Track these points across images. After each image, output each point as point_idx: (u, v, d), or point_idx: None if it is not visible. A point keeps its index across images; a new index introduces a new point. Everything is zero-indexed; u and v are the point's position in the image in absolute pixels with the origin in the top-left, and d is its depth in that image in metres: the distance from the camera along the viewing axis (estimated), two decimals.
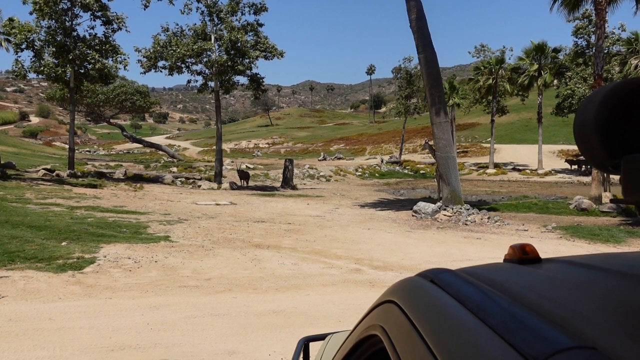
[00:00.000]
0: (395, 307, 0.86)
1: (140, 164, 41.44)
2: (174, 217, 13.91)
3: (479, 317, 0.63)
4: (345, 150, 62.10)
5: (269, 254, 9.69)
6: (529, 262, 0.86)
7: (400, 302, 0.86)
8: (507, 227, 13.83)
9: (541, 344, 0.51)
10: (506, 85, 37.59)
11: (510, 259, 0.90)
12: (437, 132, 15.59)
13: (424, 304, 0.80)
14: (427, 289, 0.84)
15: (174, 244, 10.22)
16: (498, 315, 0.61)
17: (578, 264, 0.82)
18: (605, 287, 0.70)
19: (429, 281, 0.87)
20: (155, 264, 8.56)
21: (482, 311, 0.64)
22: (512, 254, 0.89)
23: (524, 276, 0.79)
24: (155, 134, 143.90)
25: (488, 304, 0.66)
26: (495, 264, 0.91)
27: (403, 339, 0.76)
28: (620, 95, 0.68)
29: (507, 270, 0.85)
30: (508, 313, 0.61)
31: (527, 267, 0.84)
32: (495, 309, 0.64)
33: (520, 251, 0.88)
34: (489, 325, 0.60)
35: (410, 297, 0.85)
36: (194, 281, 7.65)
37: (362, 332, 1.04)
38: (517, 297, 0.68)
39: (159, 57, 24.13)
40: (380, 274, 8.52)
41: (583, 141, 0.73)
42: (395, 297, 0.90)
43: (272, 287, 7.50)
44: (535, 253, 0.88)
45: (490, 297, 0.68)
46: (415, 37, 15.45)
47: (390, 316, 0.87)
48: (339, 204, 19.28)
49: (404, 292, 0.90)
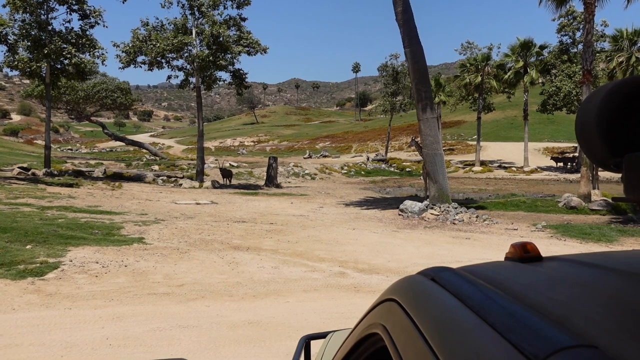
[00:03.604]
0: (396, 306, 0.86)
1: (121, 162, 40.56)
2: (151, 218, 13.29)
3: (480, 315, 0.63)
4: (331, 148, 61.68)
5: (248, 256, 9.16)
6: (530, 261, 0.85)
7: (402, 300, 0.86)
8: (496, 226, 13.44)
9: (542, 342, 0.51)
10: (492, 82, 37.38)
11: (511, 257, 0.88)
12: (424, 129, 15.15)
13: (425, 302, 0.80)
14: (428, 287, 0.84)
15: (147, 247, 9.63)
16: (499, 314, 0.61)
17: (579, 262, 0.81)
18: (606, 286, 0.68)
19: (430, 279, 0.86)
20: (125, 268, 7.98)
21: (483, 309, 0.64)
22: (513, 252, 0.88)
23: (525, 275, 0.79)
24: (140, 132, 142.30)
25: (489, 302, 0.66)
26: (496, 262, 0.90)
27: (404, 338, 0.76)
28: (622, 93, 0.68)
29: (508, 268, 0.84)
30: (509, 311, 0.61)
31: (528, 266, 0.83)
32: (496, 308, 0.63)
33: (522, 249, 0.86)
34: (489, 323, 0.60)
35: (411, 296, 0.85)
36: (165, 287, 7.09)
37: (363, 330, 1.03)
38: (518, 296, 0.68)
39: (138, 52, 23.34)
40: (366, 277, 8.03)
41: (585, 139, 0.74)
42: (397, 296, 0.89)
43: (250, 294, 6.97)
44: (536, 251, 0.87)
45: (491, 296, 0.68)
46: (401, 31, 14.98)
47: (392, 314, 0.87)
48: (323, 203, 18.78)
49: (405, 290, 0.89)
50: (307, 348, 1.88)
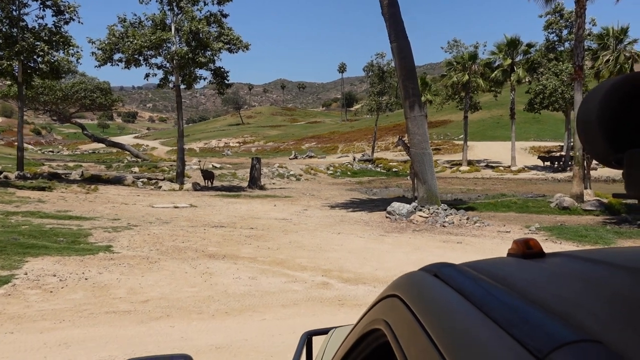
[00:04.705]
0: (398, 301, 0.85)
1: (102, 164, 39.46)
2: (123, 223, 12.48)
3: (483, 310, 0.63)
4: (317, 149, 61.02)
5: (224, 265, 8.42)
6: (532, 257, 0.84)
7: (404, 296, 0.85)
8: (487, 229, 12.84)
9: (546, 337, 0.51)
10: (479, 81, 36.95)
11: (513, 253, 0.87)
12: (412, 127, 14.52)
13: (427, 298, 0.79)
14: (430, 283, 0.84)
15: (114, 256, 8.85)
16: (502, 309, 0.61)
17: (582, 258, 0.80)
18: (610, 281, 0.68)
19: (433, 275, 0.86)
20: (85, 282, 7.20)
21: (486, 305, 0.63)
22: (515, 248, 0.87)
23: (528, 270, 0.78)
24: (124, 133, 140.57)
25: (492, 298, 0.65)
26: (499, 258, 0.89)
27: (407, 333, 0.75)
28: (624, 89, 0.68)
29: (510, 264, 0.83)
30: (512, 307, 0.61)
31: (531, 262, 0.82)
32: (498, 303, 0.63)
33: (524, 245, 0.85)
34: (492, 319, 0.59)
35: (413, 291, 0.84)
36: (127, 304, 6.33)
37: (366, 326, 1.01)
38: (520, 291, 0.67)
39: (114, 50, 22.41)
40: (351, 288, 7.35)
41: (586, 135, 0.73)
42: (399, 291, 0.88)
43: (221, 310, 6.25)
44: (539, 247, 0.85)
45: (494, 291, 0.67)
46: (388, 25, 14.33)
47: (394, 310, 0.86)
48: (308, 205, 18.07)
49: (408, 286, 0.89)
50: (308, 344, 1.85)
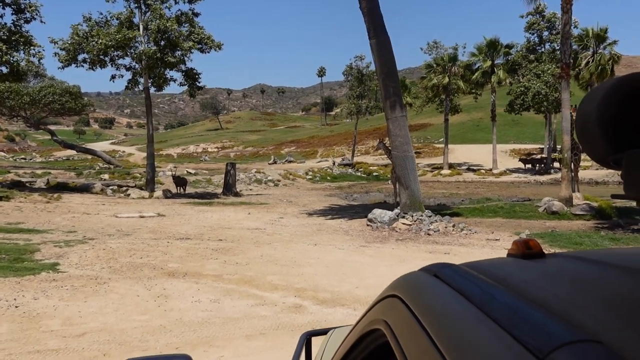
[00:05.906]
0: (398, 302, 0.85)
1: (72, 172, 37.88)
2: (79, 236, 11.34)
3: (483, 311, 0.63)
4: (297, 153, 60.01)
5: (183, 286, 7.39)
6: (532, 257, 0.84)
7: (404, 296, 0.85)
8: (475, 237, 12.00)
9: (546, 337, 0.51)
10: (460, 83, 36.42)
11: (513, 253, 0.87)
12: (393, 129, 13.64)
13: (427, 298, 0.79)
14: (430, 283, 0.83)
15: (58, 276, 7.75)
16: (502, 309, 0.61)
17: (583, 259, 0.80)
18: (610, 282, 0.68)
19: (433, 275, 0.86)
20: (14, 310, 6.11)
21: (486, 305, 0.64)
22: (515, 248, 0.87)
23: (528, 271, 0.78)
24: (101, 139, 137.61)
25: (492, 297, 0.65)
26: (499, 258, 0.89)
27: (407, 333, 0.75)
28: (623, 90, 0.69)
29: (510, 264, 0.83)
30: (512, 307, 0.61)
31: (531, 262, 0.82)
32: (499, 303, 0.63)
33: (524, 246, 0.85)
34: (493, 319, 0.60)
35: (413, 292, 0.84)
36: (58, 340, 5.27)
37: (365, 326, 1.01)
38: (521, 292, 0.67)
39: (78, 50, 21.15)
40: (328, 312, 6.39)
41: (585, 136, 0.74)
42: (399, 292, 0.88)
43: (172, 345, 5.23)
44: (538, 248, 0.85)
45: (495, 291, 0.68)
46: (366, 20, 13.46)
47: (394, 310, 0.86)
48: (284, 213, 17.06)
49: (408, 286, 0.89)
50: (308, 345, 1.84)
